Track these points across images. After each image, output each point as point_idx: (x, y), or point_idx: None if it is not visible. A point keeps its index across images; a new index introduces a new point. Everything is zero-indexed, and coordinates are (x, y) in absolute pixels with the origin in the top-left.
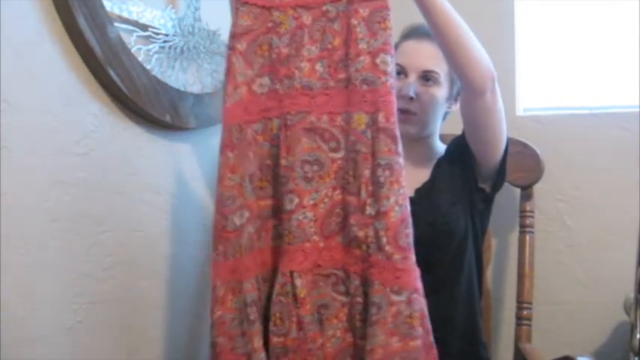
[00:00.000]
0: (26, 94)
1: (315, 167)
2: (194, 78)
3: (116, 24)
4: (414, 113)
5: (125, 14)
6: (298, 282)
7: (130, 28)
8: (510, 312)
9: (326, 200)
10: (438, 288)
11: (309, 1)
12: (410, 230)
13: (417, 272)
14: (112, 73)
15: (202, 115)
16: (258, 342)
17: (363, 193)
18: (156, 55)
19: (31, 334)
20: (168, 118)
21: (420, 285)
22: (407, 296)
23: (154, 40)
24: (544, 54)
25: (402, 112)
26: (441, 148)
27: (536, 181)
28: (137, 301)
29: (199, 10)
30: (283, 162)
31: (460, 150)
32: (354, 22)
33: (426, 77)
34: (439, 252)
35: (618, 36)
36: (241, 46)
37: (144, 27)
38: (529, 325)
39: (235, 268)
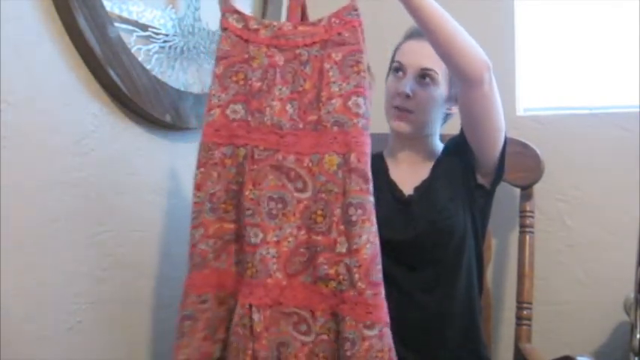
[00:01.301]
0: (26, 94)
1: (280, 205)
2: (194, 78)
3: (116, 24)
4: (410, 111)
5: (125, 14)
6: (256, 316)
7: (130, 28)
8: (510, 312)
9: (290, 239)
10: (437, 285)
11: (282, 42)
12: (380, 266)
13: (385, 306)
14: (112, 73)
15: (202, 115)
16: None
17: (334, 232)
18: (156, 55)
19: (31, 334)
20: (168, 118)
21: (388, 318)
22: (378, 330)
23: (154, 40)
24: (544, 54)
25: (399, 109)
26: (440, 148)
27: (536, 181)
28: (137, 301)
29: (199, 10)
30: (248, 194)
31: (458, 147)
32: (326, 66)
33: (424, 75)
34: (439, 249)
35: (618, 36)
36: (218, 69)
37: (144, 27)
38: (529, 325)
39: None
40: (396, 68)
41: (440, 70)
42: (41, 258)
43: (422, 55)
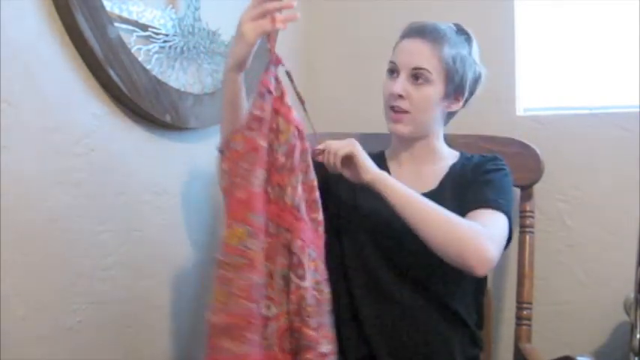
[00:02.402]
0: (26, 94)
1: (284, 283)
2: (194, 78)
3: (116, 24)
4: (406, 111)
5: (125, 14)
6: None
7: (130, 28)
8: (510, 312)
9: (282, 319)
10: (436, 301)
11: (304, 132)
12: None
13: None
14: (112, 73)
15: (202, 115)
16: None
17: (322, 332)
18: (156, 55)
19: (31, 334)
20: (168, 118)
21: None
22: None
23: (154, 40)
24: (544, 54)
25: (395, 111)
26: (446, 150)
27: (536, 181)
28: (137, 301)
29: (199, 10)
30: (262, 268)
31: (477, 175)
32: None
33: (416, 75)
34: (439, 262)
35: (618, 36)
36: (261, 128)
37: (144, 27)
38: (529, 325)
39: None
40: (390, 69)
41: (433, 68)
42: (41, 258)
43: (414, 54)
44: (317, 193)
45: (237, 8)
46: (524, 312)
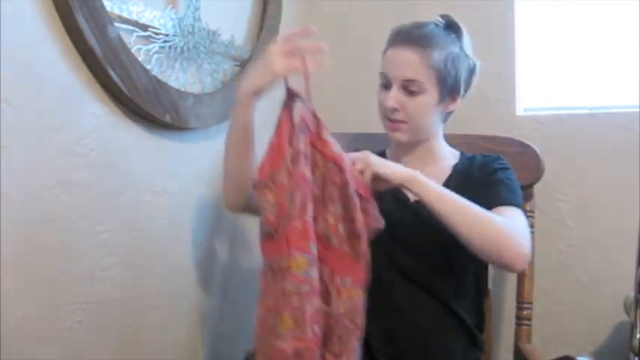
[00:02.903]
0: (26, 94)
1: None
2: (194, 78)
3: (116, 24)
4: (402, 121)
5: (125, 14)
6: None
7: (130, 28)
8: (510, 312)
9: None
10: (435, 302)
11: (343, 164)
12: None
13: None
14: (112, 73)
15: (202, 115)
16: None
17: (345, 356)
18: (156, 55)
19: (31, 334)
20: (168, 118)
21: None
22: None
23: (154, 40)
24: (544, 54)
25: (391, 120)
26: (447, 150)
27: (536, 181)
28: (137, 301)
29: (199, 10)
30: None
31: (483, 178)
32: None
33: (408, 86)
34: (440, 263)
35: (618, 36)
36: (307, 162)
37: (144, 27)
38: (529, 325)
39: None
40: (382, 80)
41: (425, 77)
42: (41, 258)
43: (403, 65)
44: (357, 224)
45: (237, 8)
46: (524, 312)
